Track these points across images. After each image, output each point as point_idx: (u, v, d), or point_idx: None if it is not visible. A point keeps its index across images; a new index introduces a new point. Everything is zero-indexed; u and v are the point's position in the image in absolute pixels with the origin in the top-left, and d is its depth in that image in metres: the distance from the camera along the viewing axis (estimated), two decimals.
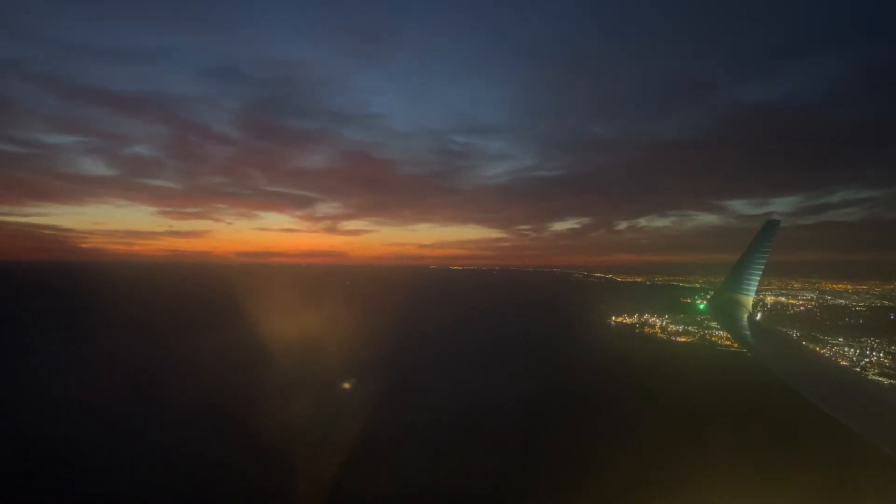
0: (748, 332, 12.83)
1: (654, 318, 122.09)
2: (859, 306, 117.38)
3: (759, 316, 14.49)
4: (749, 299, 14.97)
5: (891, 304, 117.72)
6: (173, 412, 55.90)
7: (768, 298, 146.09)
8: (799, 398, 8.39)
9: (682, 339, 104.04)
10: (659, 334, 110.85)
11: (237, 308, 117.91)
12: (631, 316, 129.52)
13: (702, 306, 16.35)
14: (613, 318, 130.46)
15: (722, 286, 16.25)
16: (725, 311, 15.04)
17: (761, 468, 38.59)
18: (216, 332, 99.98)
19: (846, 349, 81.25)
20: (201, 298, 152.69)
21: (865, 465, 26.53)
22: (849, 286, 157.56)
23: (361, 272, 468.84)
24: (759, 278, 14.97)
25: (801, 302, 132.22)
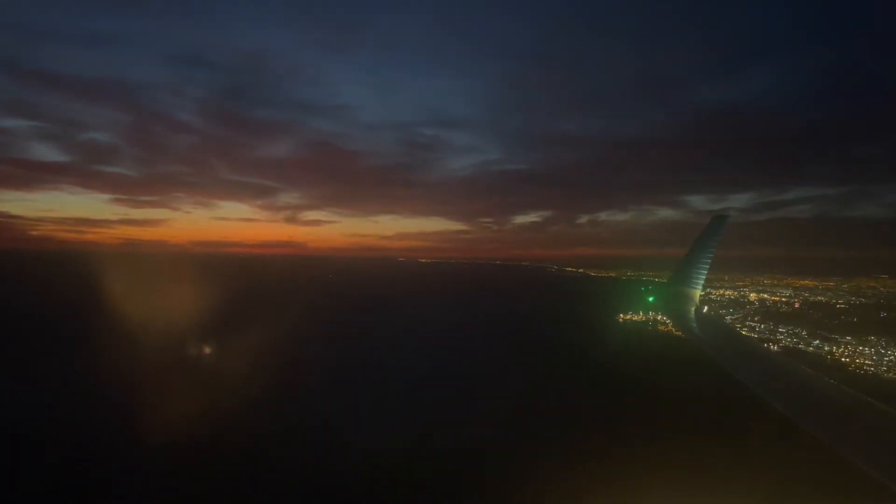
0: (695, 325, 13.63)
1: (661, 315, 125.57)
2: (840, 304, 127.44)
3: (705, 309, 15.62)
4: (696, 292, 15.80)
5: (866, 300, 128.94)
6: None
7: (751, 295, 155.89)
8: None
9: None
10: (676, 331, 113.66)
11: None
12: (636, 313, 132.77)
13: (651, 298, 16.45)
14: (621, 315, 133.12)
15: (670, 280, 17.19)
16: (674, 303, 15.79)
17: None
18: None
19: (861, 348, 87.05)
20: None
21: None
22: (815, 282, 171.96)
23: (331, 264, 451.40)
24: (706, 272, 15.73)
25: (784, 298, 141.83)
